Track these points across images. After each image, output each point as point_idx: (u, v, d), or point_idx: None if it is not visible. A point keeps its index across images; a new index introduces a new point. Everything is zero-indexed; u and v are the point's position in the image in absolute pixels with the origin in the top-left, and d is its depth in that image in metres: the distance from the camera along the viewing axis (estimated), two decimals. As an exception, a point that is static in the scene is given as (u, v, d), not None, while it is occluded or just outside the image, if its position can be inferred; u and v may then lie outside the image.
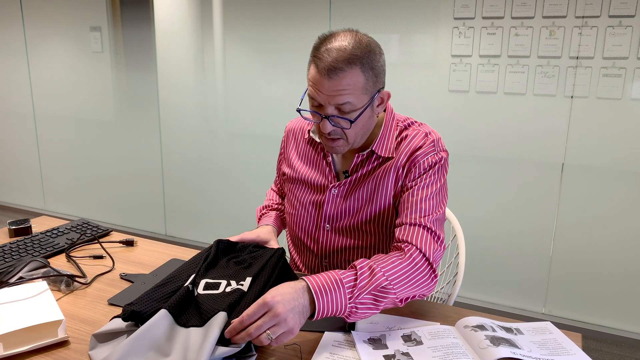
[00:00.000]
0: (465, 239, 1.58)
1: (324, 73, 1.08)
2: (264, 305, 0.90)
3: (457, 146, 2.60)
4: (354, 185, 1.25)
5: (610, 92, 2.28)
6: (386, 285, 1.00)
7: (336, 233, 1.29)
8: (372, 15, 2.66)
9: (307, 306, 0.94)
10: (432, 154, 1.19)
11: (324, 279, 0.97)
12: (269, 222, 1.43)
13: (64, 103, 3.79)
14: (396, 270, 1.04)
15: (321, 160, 1.31)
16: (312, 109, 1.16)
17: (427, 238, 1.11)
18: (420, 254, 1.09)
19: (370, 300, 0.99)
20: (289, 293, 0.93)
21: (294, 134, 1.42)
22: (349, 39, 1.10)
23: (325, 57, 1.08)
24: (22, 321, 0.95)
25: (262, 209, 1.54)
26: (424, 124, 1.27)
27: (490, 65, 2.47)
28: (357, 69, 1.08)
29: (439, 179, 1.19)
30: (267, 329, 0.89)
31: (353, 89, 1.09)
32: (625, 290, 2.42)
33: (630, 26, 2.20)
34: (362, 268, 1.01)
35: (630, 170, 2.32)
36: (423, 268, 1.08)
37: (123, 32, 3.43)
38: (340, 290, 0.96)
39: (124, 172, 3.68)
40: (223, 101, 3.22)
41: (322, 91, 1.10)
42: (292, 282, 0.97)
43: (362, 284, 0.99)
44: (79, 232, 1.54)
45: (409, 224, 1.14)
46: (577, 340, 1.01)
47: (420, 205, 1.15)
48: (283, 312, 0.89)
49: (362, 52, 1.09)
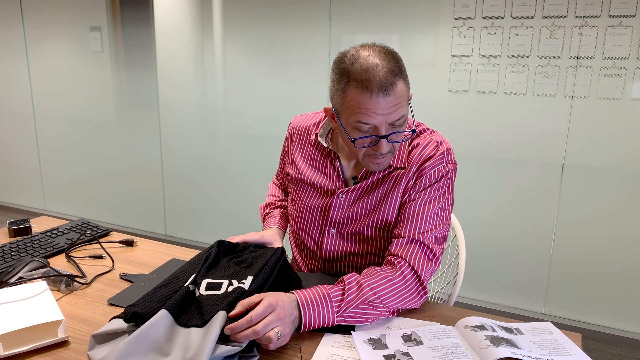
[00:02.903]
0: (466, 239, 1.58)
1: (377, 93, 1.03)
2: (270, 306, 0.95)
3: (457, 146, 2.60)
4: (362, 192, 1.24)
5: (611, 92, 2.28)
6: (374, 299, 1.04)
7: (341, 238, 1.28)
8: (372, 15, 2.66)
9: (297, 317, 0.99)
10: (440, 166, 1.18)
11: (312, 293, 1.02)
12: (274, 224, 1.43)
13: (64, 103, 3.79)
14: (385, 287, 1.07)
15: (329, 165, 1.29)
16: (363, 134, 1.09)
17: (421, 255, 1.13)
18: (411, 271, 1.11)
19: (359, 313, 1.03)
20: (286, 302, 0.98)
21: (298, 133, 1.39)
22: (377, 53, 1.06)
23: (371, 77, 1.03)
24: (22, 321, 0.95)
25: (266, 207, 1.53)
26: (435, 132, 1.24)
27: (490, 65, 2.47)
28: (400, 80, 1.06)
29: (443, 193, 1.18)
30: (274, 328, 0.93)
31: (404, 101, 1.07)
32: (625, 290, 2.42)
33: (631, 26, 2.20)
34: (350, 283, 1.06)
35: (630, 170, 2.32)
36: (412, 285, 1.10)
37: (123, 32, 3.43)
38: (327, 305, 1.01)
39: (123, 172, 3.68)
40: (223, 101, 3.22)
41: (378, 112, 1.05)
42: (286, 294, 1.01)
43: (350, 298, 1.03)
44: (79, 232, 1.54)
45: (406, 239, 1.14)
46: (577, 340, 1.01)
47: (421, 220, 1.15)
48: (284, 316, 0.95)
49: (395, 63, 1.06)
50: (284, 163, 1.45)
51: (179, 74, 3.30)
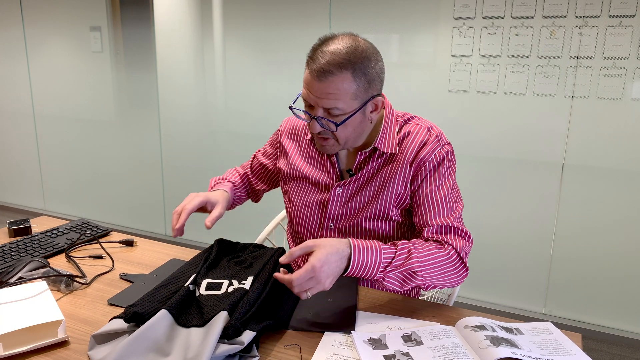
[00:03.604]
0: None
1: (314, 75, 1.09)
2: (312, 271, 0.99)
3: (457, 146, 2.60)
4: (359, 184, 1.26)
5: (611, 92, 2.28)
6: (418, 271, 1.09)
7: (339, 232, 1.29)
8: (372, 15, 2.66)
9: (343, 267, 1.05)
10: (438, 149, 1.22)
11: (366, 243, 1.08)
12: (222, 187, 1.40)
13: (64, 103, 3.79)
14: (431, 259, 1.12)
15: (325, 160, 1.31)
16: (305, 109, 1.18)
17: (457, 238, 1.18)
18: (455, 252, 1.16)
19: (398, 279, 1.10)
20: (335, 261, 1.02)
21: (295, 132, 1.40)
22: (346, 43, 1.10)
23: (318, 59, 1.09)
24: (22, 321, 0.95)
25: (219, 179, 1.50)
26: (422, 118, 1.30)
27: (490, 65, 2.47)
28: (347, 74, 1.08)
29: (449, 175, 1.23)
30: (308, 290, 1.00)
31: (342, 94, 1.10)
32: (625, 290, 2.41)
33: (631, 26, 2.20)
34: (402, 249, 1.10)
35: (630, 170, 2.31)
36: (457, 264, 1.16)
37: (123, 32, 3.43)
38: (377, 257, 1.07)
39: (123, 172, 3.68)
40: (223, 101, 3.22)
41: (312, 92, 1.12)
42: (340, 245, 1.05)
43: (398, 262, 1.09)
44: (79, 232, 1.54)
45: (436, 227, 1.19)
46: (577, 340, 1.01)
47: (443, 206, 1.20)
48: (325, 280, 1.00)
49: (355, 58, 1.09)
50: (276, 158, 1.44)
51: (179, 73, 3.30)
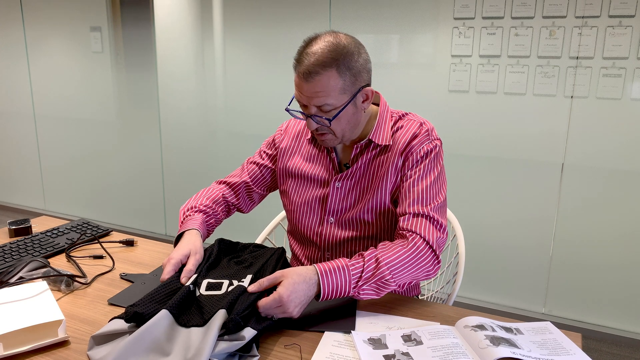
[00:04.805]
0: (465, 239, 1.58)
1: (302, 77, 1.15)
2: (279, 300, 1.00)
3: (457, 146, 2.60)
4: (356, 177, 1.29)
5: (610, 92, 2.28)
6: (388, 279, 1.09)
7: (339, 226, 1.31)
8: (372, 15, 2.66)
9: (313, 294, 1.05)
10: (427, 142, 1.25)
11: (332, 264, 1.08)
12: (193, 226, 1.29)
13: (64, 103, 3.79)
14: (399, 261, 1.12)
15: (325, 157, 1.34)
16: (300, 109, 1.23)
17: (429, 226, 1.18)
18: (423, 242, 1.16)
19: (373, 289, 1.09)
20: (303, 290, 1.03)
21: (296, 135, 1.41)
22: (327, 42, 1.15)
23: (303, 61, 1.14)
24: (22, 321, 0.95)
25: (187, 210, 1.37)
26: (416, 115, 1.33)
27: (490, 65, 2.47)
28: (332, 71, 1.13)
29: (435, 167, 1.25)
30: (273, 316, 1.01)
31: (331, 91, 1.14)
32: (625, 290, 2.42)
33: (630, 26, 2.20)
34: (370, 259, 1.10)
35: (630, 170, 2.32)
36: (426, 255, 1.15)
37: (123, 32, 3.43)
38: (345, 276, 1.07)
39: (124, 172, 3.68)
40: (223, 101, 3.22)
41: (303, 93, 1.17)
42: (307, 273, 1.05)
43: (368, 274, 1.09)
44: (79, 232, 1.54)
45: (412, 214, 1.20)
46: (577, 340, 1.01)
47: (421, 195, 1.21)
48: (292, 309, 1.01)
49: (338, 54, 1.13)
50: (276, 159, 1.44)
51: (179, 73, 3.30)
